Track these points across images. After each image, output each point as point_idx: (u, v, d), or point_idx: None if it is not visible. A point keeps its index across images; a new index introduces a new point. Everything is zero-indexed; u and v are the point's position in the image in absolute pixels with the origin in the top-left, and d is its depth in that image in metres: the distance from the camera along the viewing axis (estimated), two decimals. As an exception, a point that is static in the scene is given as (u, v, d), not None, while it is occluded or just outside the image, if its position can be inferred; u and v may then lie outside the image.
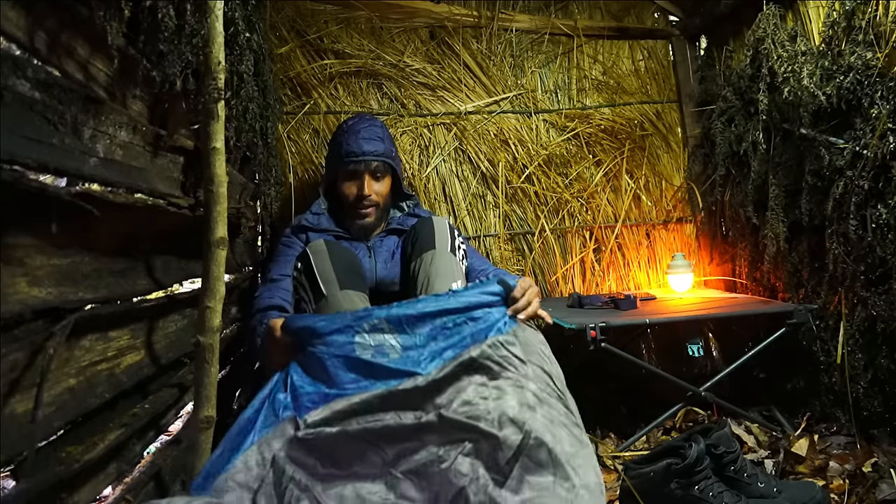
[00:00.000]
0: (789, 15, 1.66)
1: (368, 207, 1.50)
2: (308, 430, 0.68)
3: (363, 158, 1.47)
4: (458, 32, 2.04)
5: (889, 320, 1.31)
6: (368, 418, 0.69)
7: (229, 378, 1.41)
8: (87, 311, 0.70)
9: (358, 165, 1.47)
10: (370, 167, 1.48)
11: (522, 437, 0.68)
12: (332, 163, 1.55)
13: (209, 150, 0.88)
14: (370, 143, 1.49)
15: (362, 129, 1.52)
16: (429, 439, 0.68)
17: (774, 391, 1.65)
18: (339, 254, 1.25)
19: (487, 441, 0.68)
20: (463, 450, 0.67)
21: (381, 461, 0.68)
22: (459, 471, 0.66)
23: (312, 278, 1.20)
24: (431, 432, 0.68)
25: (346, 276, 1.21)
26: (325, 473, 0.67)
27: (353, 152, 1.47)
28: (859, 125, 1.33)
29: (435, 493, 0.67)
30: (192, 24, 0.85)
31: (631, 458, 1.21)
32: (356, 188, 1.49)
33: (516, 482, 0.66)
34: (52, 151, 0.59)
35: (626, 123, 2.14)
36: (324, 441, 0.67)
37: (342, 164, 1.49)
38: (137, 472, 0.89)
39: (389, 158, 1.53)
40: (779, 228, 1.61)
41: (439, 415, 0.67)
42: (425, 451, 0.68)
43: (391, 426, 0.68)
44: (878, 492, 1.10)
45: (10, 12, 0.55)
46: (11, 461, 0.58)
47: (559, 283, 2.07)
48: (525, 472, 0.67)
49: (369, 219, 1.51)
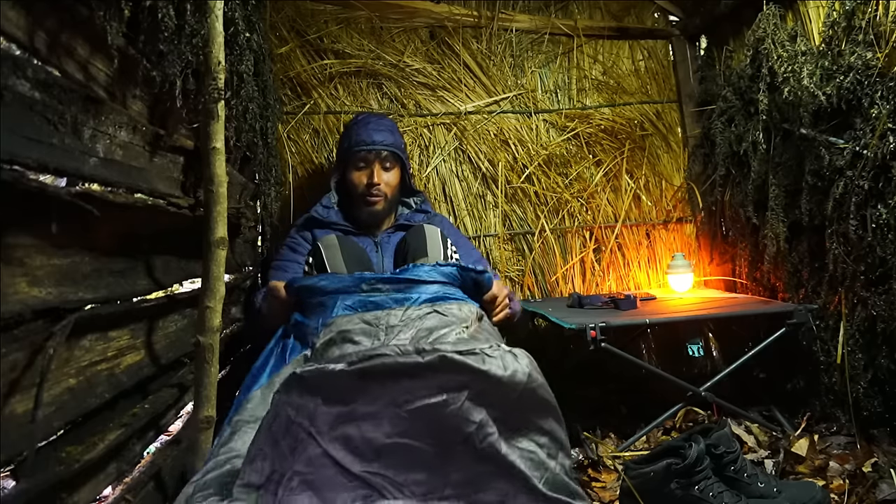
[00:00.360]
0: (789, 15, 1.66)
1: (377, 196, 1.54)
2: (308, 368, 0.67)
3: (373, 147, 1.52)
4: (458, 32, 2.04)
5: (889, 320, 1.31)
6: (370, 351, 0.68)
7: (229, 378, 1.41)
8: (87, 311, 0.70)
9: (368, 154, 1.52)
10: (380, 156, 1.53)
11: (527, 380, 0.71)
12: (342, 154, 1.58)
13: (209, 150, 0.88)
14: (380, 134, 1.54)
15: (372, 121, 1.58)
16: (433, 380, 0.68)
17: (774, 391, 1.65)
18: (349, 248, 1.28)
19: (492, 385, 0.68)
20: (468, 394, 0.68)
21: (387, 400, 0.67)
22: (467, 417, 0.67)
23: (324, 272, 1.23)
24: (435, 371, 0.68)
25: (357, 270, 1.23)
26: (327, 413, 0.67)
27: (363, 141, 1.52)
28: (859, 125, 1.33)
29: (441, 435, 0.67)
30: (192, 24, 0.85)
31: (631, 458, 1.21)
32: (366, 176, 1.53)
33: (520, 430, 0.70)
34: (52, 151, 0.59)
35: (626, 123, 2.14)
36: (325, 379, 0.67)
37: (352, 154, 1.53)
38: (137, 472, 0.89)
39: (398, 149, 1.57)
40: (779, 228, 1.61)
41: (442, 356, 0.67)
42: (430, 391, 0.67)
43: (392, 365, 0.67)
44: (878, 492, 1.10)
45: (10, 12, 0.55)
46: (11, 461, 0.58)
47: (559, 283, 2.07)
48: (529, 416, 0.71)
49: (378, 206, 1.55)
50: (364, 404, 0.67)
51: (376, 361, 0.67)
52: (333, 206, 1.59)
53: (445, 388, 0.67)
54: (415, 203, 1.69)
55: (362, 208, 1.55)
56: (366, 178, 1.53)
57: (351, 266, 1.24)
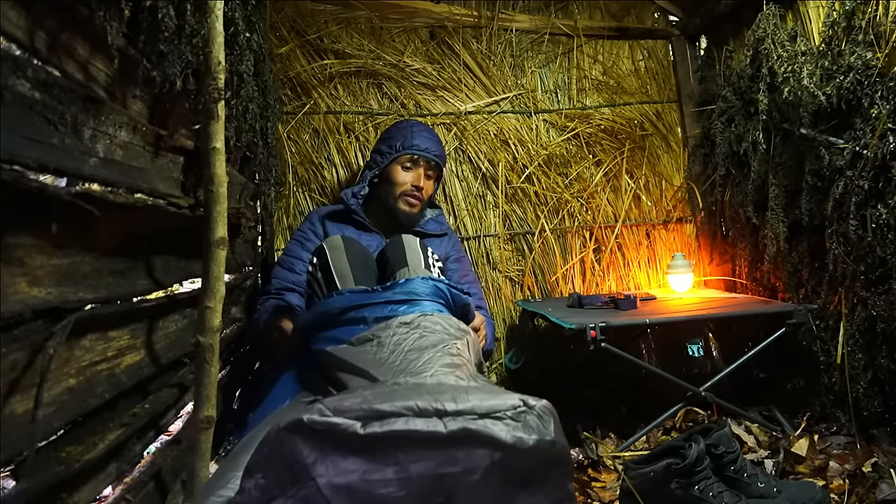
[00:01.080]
0: (789, 15, 1.66)
1: (417, 200, 1.60)
2: (316, 419, 0.63)
3: (425, 154, 1.59)
4: (458, 32, 2.04)
5: (889, 320, 1.31)
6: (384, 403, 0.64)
7: (229, 378, 1.41)
8: (87, 311, 0.70)
9: (419, 158, 1.59)
10: (429, 164, 1.60)
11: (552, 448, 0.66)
12: (387, 153, 1.61)
13: (209, 150, 0.88)
14: (433, 144, 1.62)
15: (427, 130, 1.65)
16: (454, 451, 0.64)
17: (774, 391, 1.65)
18: (354, 250, 1.28)
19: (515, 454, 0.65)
20: (489, 463, 0.64)
21: (399, 464, 0.65)
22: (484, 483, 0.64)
23: (328, 274, 1.22)
24: (457, 443, 0.64)
25: (361, 272, 1.24)
26: (332, 462, 0.64)
27: (416, 146, 1.58)
28: (859, 125, 1.33)
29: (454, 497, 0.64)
30: (192, 24, 0.85)
31: (631, 458, 1.21)
32: (412, 178, 1.59)
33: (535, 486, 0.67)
34: (52, 151, 0.59)
35: (626, 123, 2.14)
36: (334, 434, 0.64)
37: (402, 154, 1.58)
38: (137, 472, 0.89)
39: (443, 163, 1.66)
40: (779, 228, 1.61)
41: (466, 429, 0.63)
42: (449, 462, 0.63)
43: (410, 434, 0.62)
44: (878, 492, 1.10)
45: (10, 12, 0.55)
46: (11, 461, 0.58)
47: (559, 283, 2.07)
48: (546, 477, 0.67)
49: (414, 210, 1.61)
50: (373, 463, 0.64)
51: (394, 427, 0.62)
52: (361, 198, 1.62)
53: (466, 461, 0.64)
54: (430, 214, 1.74)
55: (400, 207, 1.59)
56: (411, 179, 1.58)
57: (356, 269, 1.23)
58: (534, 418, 0.67)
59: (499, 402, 0.67)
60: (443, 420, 0.63)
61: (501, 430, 0.64)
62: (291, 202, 1.88)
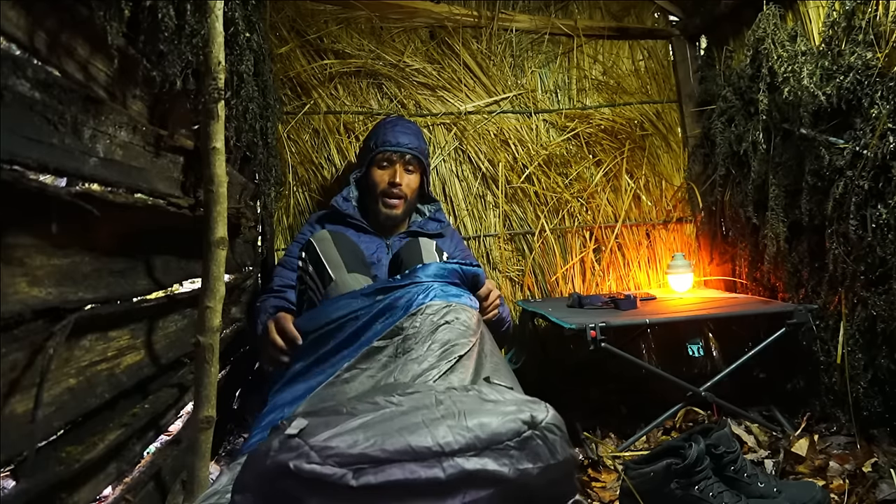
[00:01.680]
0: (789, 15, 1.66)
1: (397, 198, 1.56)
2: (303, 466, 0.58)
3: (398, 149, 1.55)
4: (458, 32, 2.04)
5: (889, 320, 1.31)
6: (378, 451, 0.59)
7: (229, 378, 1.42)
8: (87, 311, 0.70)
9: (392, 154, 1.55)
10: (404, 158, 1.56)
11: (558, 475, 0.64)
12: (366, 152, 1.60)
13: (209, 150, 0.88)
14: (406, 137, 1.57)
15: (400, 124, 1.61)
16: (454, 494, 0.61)
17: (774, 391, 1.65)
18: (342, 241, 1.28)
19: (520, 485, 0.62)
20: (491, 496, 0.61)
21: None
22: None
23: (320, 265, 1.22)
24: (457, 486, 0.61)
25: (352, 260, 1.23)
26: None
27: (388, 142, 1.55)
28: (859, 125, 1.33)
29: None
30: (192, 24, 0.85)
31: (631, 458, 1.21)
32: (388, 176, 1.55)
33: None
34: (52, 151, 0.59)
35: (626, 123, 2.14)
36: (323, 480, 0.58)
37: (376, 153, 1.55)
38: (137, 472, 0.90)
39: (422, 154, 1.60)
40: (779, 228, 1.61)
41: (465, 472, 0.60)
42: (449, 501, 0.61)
43: (406, 483, 0.59)
44: (878, 492, 1.10)
45: (10, 12, 0.55)
46: (11, 461, 0.58)
47: (559, 283, 2.07)
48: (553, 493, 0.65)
49: (396, 210, 1.57)
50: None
51: (390, 479, 0.58)
52: (353, 200, 1.61)
53: (465, 498, 0.61)
54: (428, 211, 1.70)
55: (380, 209, 1.56)
56: (388, 177, 1.55)
57: (346, 256, 1.22)
58: (539, 443, 0.63)
59: (501, 427, 0.63)
60: (441, 464, 0.60)
61: (504, 467, 0.61)
62: (291, 202, 1.88)
